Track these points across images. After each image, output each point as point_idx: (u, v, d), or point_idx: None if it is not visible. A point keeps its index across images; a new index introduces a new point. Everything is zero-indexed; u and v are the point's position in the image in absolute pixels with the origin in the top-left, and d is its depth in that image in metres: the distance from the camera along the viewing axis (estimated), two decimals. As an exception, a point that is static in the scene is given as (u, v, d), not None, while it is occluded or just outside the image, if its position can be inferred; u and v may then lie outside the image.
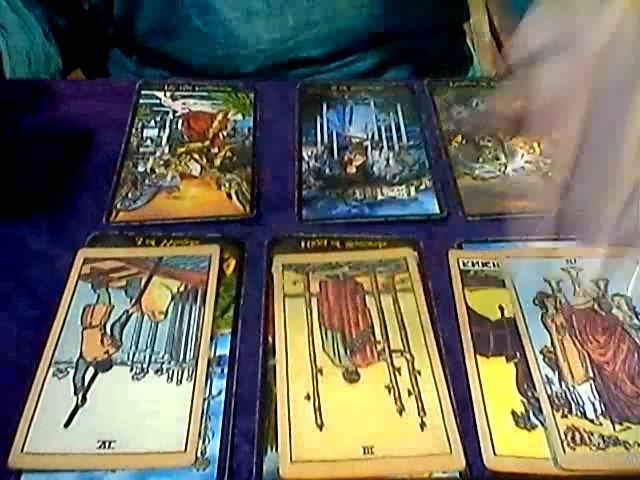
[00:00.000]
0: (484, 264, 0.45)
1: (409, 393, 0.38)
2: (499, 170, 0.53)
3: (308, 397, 0.38)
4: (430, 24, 0.71)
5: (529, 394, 0.38)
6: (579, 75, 0.33)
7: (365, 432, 0.36)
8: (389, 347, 0.40)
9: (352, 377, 0.39)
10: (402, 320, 0.42)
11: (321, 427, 0.36)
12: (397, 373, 0.39)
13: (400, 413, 0.37)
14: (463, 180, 0.52)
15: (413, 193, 0.50)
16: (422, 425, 0.36)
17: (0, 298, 0.43)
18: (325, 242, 0.46)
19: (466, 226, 0.48)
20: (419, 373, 0.39)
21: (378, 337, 0.41)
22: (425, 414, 0.37)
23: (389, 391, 0.38)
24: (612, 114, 0.32)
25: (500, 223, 0.48)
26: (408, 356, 0.40)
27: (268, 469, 0.35)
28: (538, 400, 0.37)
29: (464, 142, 0.56)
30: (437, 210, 0.49)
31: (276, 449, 0.35)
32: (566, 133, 0.33)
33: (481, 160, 0.54)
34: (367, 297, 0.43)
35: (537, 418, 0.37)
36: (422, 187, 0.51)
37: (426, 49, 0.72)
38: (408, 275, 0.44)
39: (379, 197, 0.50)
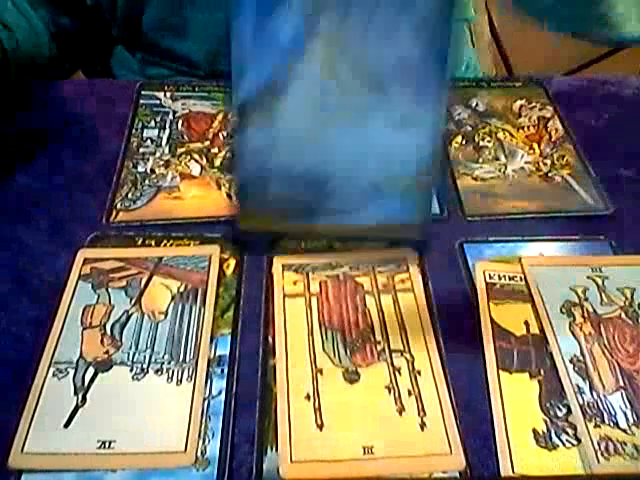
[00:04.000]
0: (511, 278, 0.44)
1: (409, 393, 0.38)
2: (499, 170, 0.53)
3: (308, 397, 0.38)
4: None
5: (552, 413, 0.37)
6: None
7: (365, 432, 0.36)
8: (389, 347, 0.40)
9: (352, 377, 0.39)
10: (402, 320, 0.42)
11: (321, 427, 0.36)
12: (397, 373, 0.39)
13: (400, 413, 0.37)
14: (463, 180, 0.52)
15: (413, 193, 0.50)
16: (422, 425, 0.36)
17: (0, 298, 0.43)
18: (325, 242, 0.46)
19: (466, 226, 0.48)
20: (419, 373, 0.39)
21: (378, 337, 0.41)
22: (425, 414, 0.37)
23: (389, 391, 0.38)
24: None
25: (500, 223, 0.48)
26: (408, 356, 0.40)
27: (268, 469, 0.35)
28: (561, 419, 0.37)
29: (464, 142, 0.56)
30: (437, 210, 0.49)
31: (276, 449, 0.35)
32: None
33: (481, 160, 0.54)
34: (367, 297, 0.43)
35: (559, 438, 0.36)
36: (422, 187, 0.51)
37: None
38: (408, 275, 0.44)
39: (379, 197, 0.50)
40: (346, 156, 0.29)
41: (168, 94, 0.60)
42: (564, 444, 0.36)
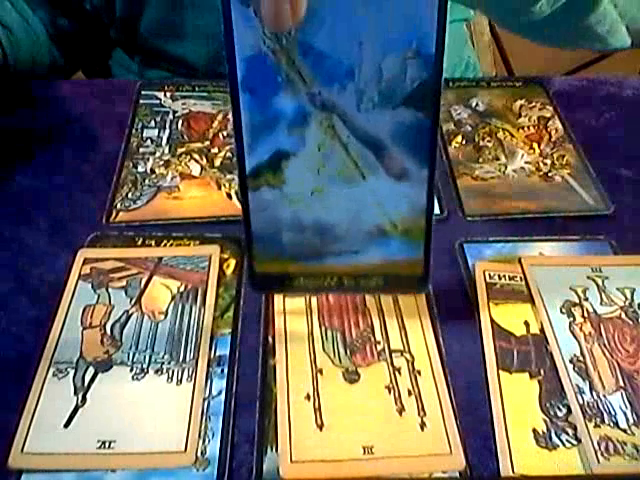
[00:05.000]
0: (511, 278, 0.44)
1: (409, 393, 0.38)
2: (499, 170, 0.53)
3: (308, 397, 0.38)
4: None
5: (552, 413, 0.37)
6: None
7: (365, 432, 0.36)
8: (389, 347, 0.40)
9: (352, 377, 0.39)
10: (402, 320, 0.42)
11: (321, 427, 0.36)
12: (397, 373, 0.39)
13: (400, 413, 0.37)
14: (463, 180, 0.52)
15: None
16: (422, 425, 0.36)
17: (0, 298, 0.43)
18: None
19: (466, 226, 0.48)
20: (419, 373, 0.39)
21: (378, 337, 0.41)
22: (425, 414, 0.37)
23: (389, 391, 0.38)
24: None
25: (500, 223, 0.48)
26: (408, 356, 0.40)
27: (268, 469, 0.35)
28: (561, 419, 0.37)
29: (464, 142, 0.56)
30: (437, 210, 0.49)
31: (276, 449, 0.35)
32: None
33: (481, 160, 0.54)
34: (367, 297, 0.43)
35: (559, 438, 0.36)
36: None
37: None
38: (408, 275, 0.44)
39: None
40: (350, 206, 0.33)
41: (168, 94, 0.60)
42: (564, 444, 0.36)
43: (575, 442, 0.36)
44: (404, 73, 0.28)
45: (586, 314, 0.42)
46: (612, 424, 0.36)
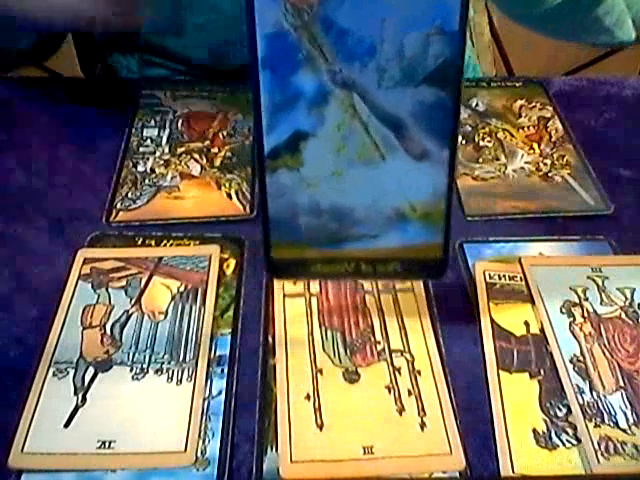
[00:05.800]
0: (511, 278, 0.44)
1: (409, 393, 0.38)
2: (499, 170, 0.53)
3: (308, 397, 0.38)
4: None
5: (552, 413, 0.37)
6: None
7: (365, 432, 0.36)
8: (389, 347, 0.40)
9: (352, 377, 0.39)
10: (402, 320, 0.42)
11: (321, 427, 0.36)
12: (397, 373, 0.39)
13: (400, 413, 0.37)
14: (463, 180, 0.52)
15: (413, 193, 0.50)
16: (422, 425, 0.36)
17: (0, 298, 0.43)
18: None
19: (466, 226, 0.48)
20: (419, 373, 0.39)
21: (378, 337, 0.41)
22: (425, 414, 0.37)
23: (389, 391, 0.38)
24: None
25: (500, 223, 0.48)
26: (408, 356, 0.40)
27: (268, 469, 0.35)
28: (561, 419, 0.37)
29: (464, 142, 0.56)
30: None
31: (276, 449, 0.35)
32: None
33: (481, 160, 0.54)
34: (367, 297, 0.43)
35: (559, 438, 0.36)
36: (422, 187, 0.51)
37: None
38: (408, 275, 0.44)
39: (379, 197, 0.50)
40: (369, 188, 0.32)
41: (168, 93, 0.60)
42: (564, 444, 0.36)
43: (575, 442, 0.36)
44: (426, 51, 0.28)
45: (586, 314, 0.42)
46: (612, 424, 0.36)
